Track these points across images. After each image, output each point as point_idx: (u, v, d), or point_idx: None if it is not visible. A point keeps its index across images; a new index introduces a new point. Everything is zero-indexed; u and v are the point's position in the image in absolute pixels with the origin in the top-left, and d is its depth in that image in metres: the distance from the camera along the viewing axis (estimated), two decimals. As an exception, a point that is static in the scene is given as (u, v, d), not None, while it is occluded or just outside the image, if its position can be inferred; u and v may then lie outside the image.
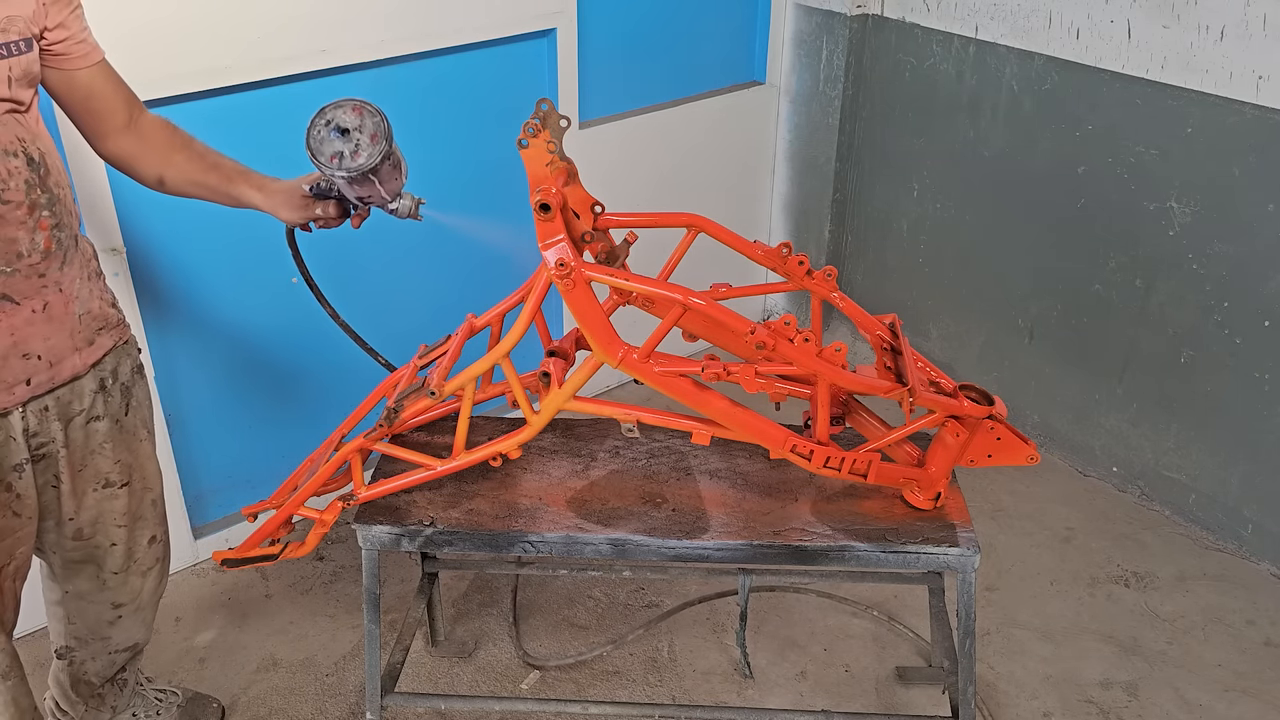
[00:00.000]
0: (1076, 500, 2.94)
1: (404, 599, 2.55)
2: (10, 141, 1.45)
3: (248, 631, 2.49)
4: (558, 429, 2.03)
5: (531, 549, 1.77)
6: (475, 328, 1.87)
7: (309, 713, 2.29)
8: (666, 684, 2.35)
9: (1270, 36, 2.36)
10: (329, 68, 2.42)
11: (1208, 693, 2.34)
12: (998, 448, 1.75)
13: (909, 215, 3.27)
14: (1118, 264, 2.79)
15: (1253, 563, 2.72)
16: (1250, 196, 2.49)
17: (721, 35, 3.26)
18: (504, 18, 2.66)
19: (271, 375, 2.67)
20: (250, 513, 1.99)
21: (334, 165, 1.65)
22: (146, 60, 2.15)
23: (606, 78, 2.99)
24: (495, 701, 2.14)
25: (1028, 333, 3.07)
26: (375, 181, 1.69)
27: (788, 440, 1.69)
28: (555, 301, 2.77)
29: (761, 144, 3.46)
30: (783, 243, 1.80)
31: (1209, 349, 2.67)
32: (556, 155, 1.60)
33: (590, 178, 1.77)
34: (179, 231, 2.37)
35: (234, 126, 2.35)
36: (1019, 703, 2.32)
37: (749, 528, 1.78)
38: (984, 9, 2.87)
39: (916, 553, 1.74)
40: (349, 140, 1.66)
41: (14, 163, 1.45)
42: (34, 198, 1.48)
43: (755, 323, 1.60)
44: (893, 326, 1.81)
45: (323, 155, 1.65)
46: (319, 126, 1.66)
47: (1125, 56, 2.62)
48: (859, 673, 2.39)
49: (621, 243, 1.82)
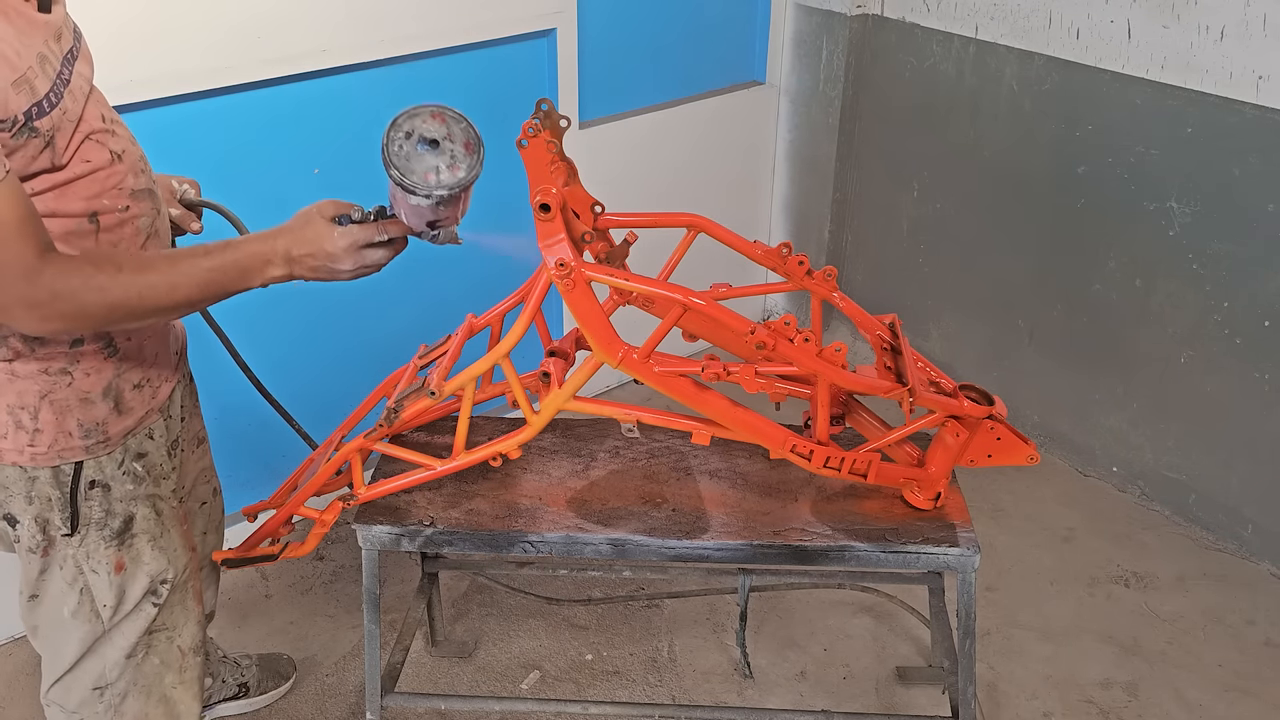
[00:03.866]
0: (1076, 500, 2.94)
1: (404, 599, 2.55)
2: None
3: (248, 631, 2.49)
4: (558, 429, 2.03)
5: (531, 549, 1.77)
6: (475, 328, 1.87)
7: (309, 713, 2.29)
8: (666, 684, 2.35)
9: (1270, 36, 2.36)
10: (329, 68, 2.41)
11: (1208, 693, 2.34)
12: (998, 448, 1.75)
13: (909, 215, 3.27)
14: (1118, 264, 2.79)
15: (1253, 563, 2.72)
16: (1250, 196, 2.49)
17: (721, 35, 3.26)
18: (504, 18, 2.66)
19: (271, 375, 2.67)
20: (250, 513, 2.00)
21: (431, 184, 1.43)
22: (146, 60, 2.15)
23: (606, 78, 2.99)
24: (495, 701, 2.14)
25: (1028, 333, 3.07)
26: (463, 200, 1.49)
27: (788, 440, 1.69)
28: (555, 301, 2.77)
29: (761, 144, 3.46)
30: (783, 243, 1.80)
31: (1209, 349, 2.67)
32: (557, 155, 1.60)
33: (590, 178, 1.77)
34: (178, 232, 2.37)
35: (234, 126, 2.35)
36: (1019, 703, 2.32)
37: (749, 528, 1.78)
38: (984, 9, 2.87)
39: (916, 553, 1.74)
40: (441, 153, 1.45)
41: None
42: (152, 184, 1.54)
43: (755, 323, 1.60)
44: (893, 326, 1.81)
45: (415, 174, 1.42)
46: (398, 141, 1.44)
47: (1125, 56, 2.62)
48: (859, 673, 2.39)
49: (621, 243, 1.82)
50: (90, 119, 1.38)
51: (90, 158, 1.37)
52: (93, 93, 1.42)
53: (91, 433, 1.47)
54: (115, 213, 1.41)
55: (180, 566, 1.64)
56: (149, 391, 1.55)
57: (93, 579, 1.54)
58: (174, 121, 2.27)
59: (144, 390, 1.54)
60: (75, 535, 1.50)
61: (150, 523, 1.58)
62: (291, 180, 2.47)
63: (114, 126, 1.44)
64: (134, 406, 1.52)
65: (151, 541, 1.58)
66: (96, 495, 1.51)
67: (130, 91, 2.15)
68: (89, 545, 1.52)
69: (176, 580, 1.63)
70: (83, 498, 1.49)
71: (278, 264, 1.46)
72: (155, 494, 1.58)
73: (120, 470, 1.52)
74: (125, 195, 1.43)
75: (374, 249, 1.50)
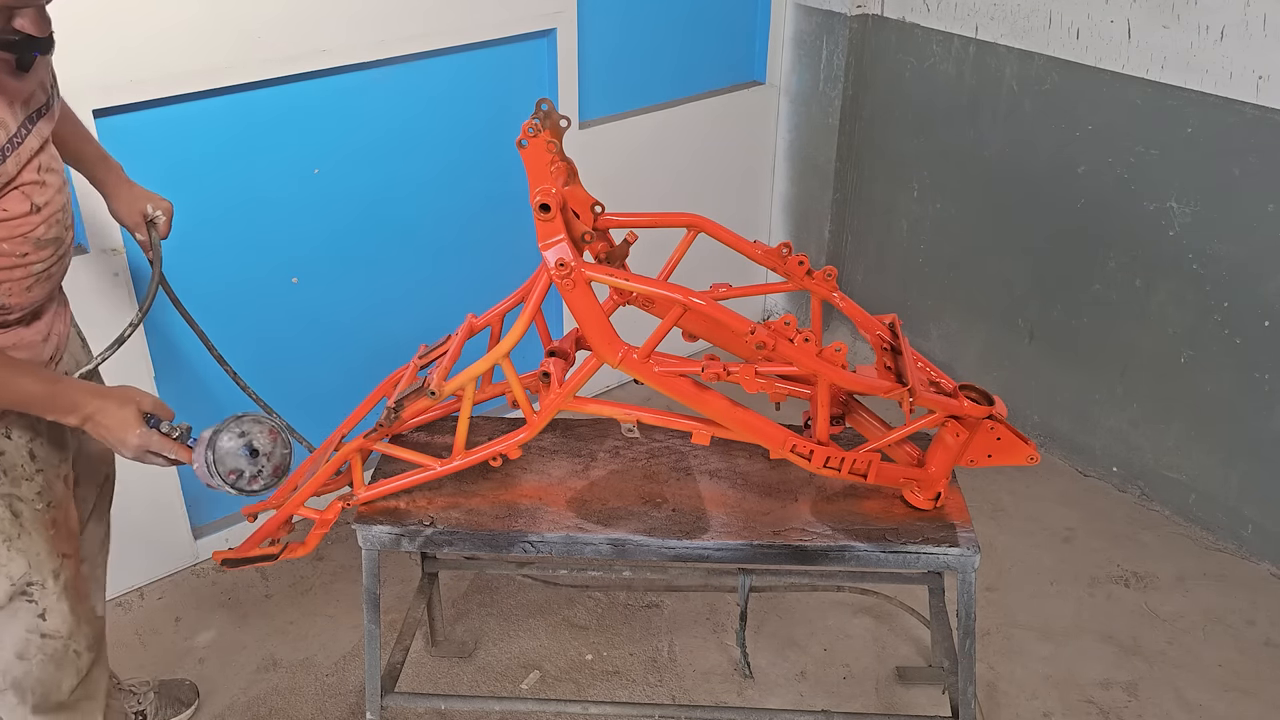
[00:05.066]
0: (1076, 500, 2.94)
1: (404, 599, 2.55)
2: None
3: (248, 631, 2.49)
4: (558, 429, 2.03)
5: (531, 549, 1.77)
6: (475, 328, 1.87)
7: (309, 713, 2.29)
8: (666, 684, 2.35)
9: (1270, 36, 2.36)
10: (329, 68, 2.41)
11: (1208, 693, 2.34)
12: (998, 448, 1.75)
13: (909, 215, 3.27)
14: (1118, 264, 2.79)
15: (1253, 563, 2.72)
16: (1250, 196, 2.49)
17: (721, 35, 3.26)
18: (504, 18, 2.66)
19: (271, 375, 2.67)
20: (250, 513, 1.99)
21: (229, 480, 1.60)
22: (146, 60, 2.15)
23: (606, 78, 2.99)
24: (495, 701, 2.14)
25: (1028, 333, 3.07)
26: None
27: (788, 440, 1.69)
28: (555, 301, 2.77)
29: (761, 144, 3.46)
30: (783, 243, 1.81)
31: (1209, 349, 2.67)
32: (557, 155, 1.60)
33: (590, 178, 1.77)
34: (178, 232, 2.36)
35: (234, 126, 2.35)
36: (1019, 703, 2.32)
37: (749, 528, 1.78)
38: (984, 9, 2.87)
39: (916, 553, 1.74)
40: (255, 462, 1.62)
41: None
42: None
43: (755, 323, 1.60)
44: (893, 326, 1.81)
45: (222, 466, 1.59)
46: (232, 434, 1.60)
47: (1125, 56, 2.62)
48: (859, 673, 2.39)
49: (621, 243, 1.82)
50: (26, 174, 1.39)
51: (8, 208, 1.38)
52: (44, 147, 1.44)
53: None
54: (12, 256, 1.42)
55: (48, 571, 1.61)
56: None
57: None
58: (174, 121, 2.27)
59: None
60: None
61: (5, 524, 1.56)
62: (291, 180, 2.47)
63: (46, 177, 1.44)
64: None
65: (7, 543, 1.56)
66: None
67: (130, 91, 2.16)
68: None
69: (47, 584, 1.61)
70: None
71: (77, 418, 1.52)
72: (13, 494, 1.56)
73: None
74: (29, 243, 1.44)
75: (157, 457, 1.59)
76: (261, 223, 2.49)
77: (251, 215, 2.46)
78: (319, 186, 2.52)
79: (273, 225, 2.51)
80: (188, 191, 2.34)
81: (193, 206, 2.31)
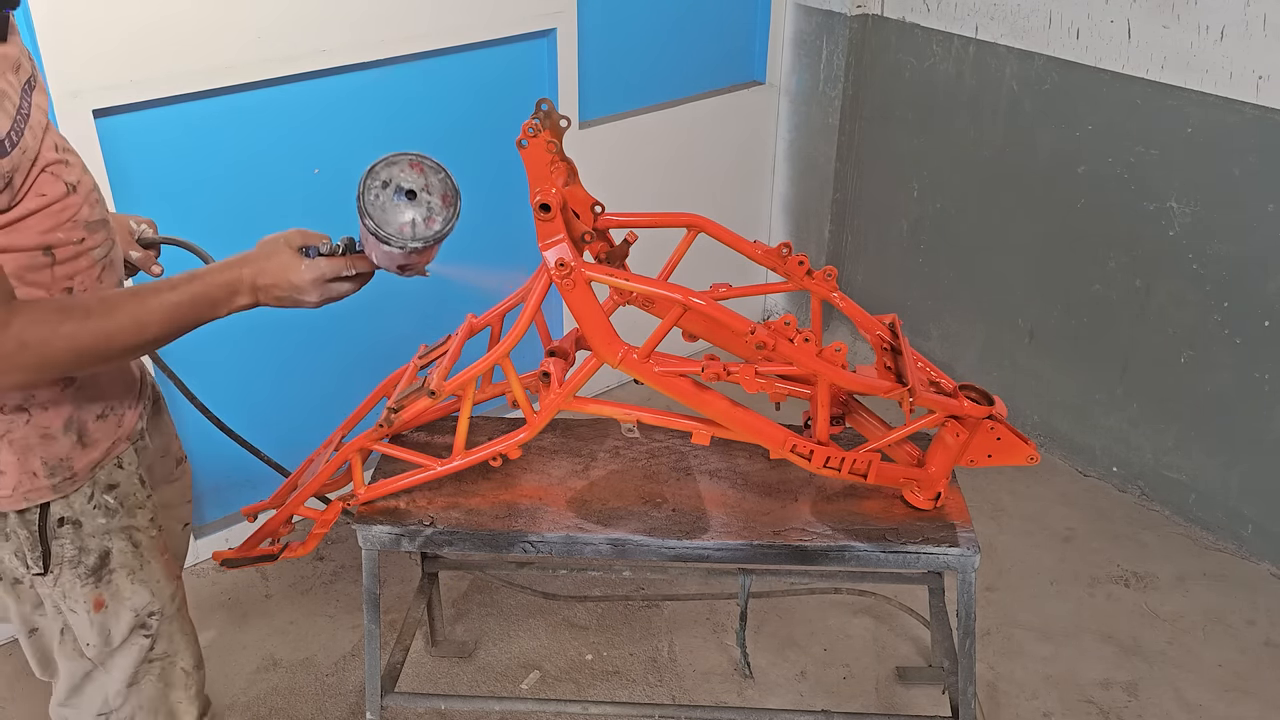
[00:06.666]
0: (1076, 500, 2.94)
1: (404, 599, 2.55)
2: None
3: (248, 631, 2.49)
4: (558, 429, 2.03)
5: (531, 549, 1.77)
6: (475, 328, 1.87)
7: (309, 713, 2.29)
8: (666, 684, 2.35)
9: (1270, 36, 2.36)
10: (329, 68, 2.41)
11: (1208, 693, 2.34)
12: (998, 448, 1.75)
13: (909, 215, 3.27)
14: (1118, 264, 2.79)
15: (1253, 563, 2.72)
16: (1250, 196, 2.49)
17: (721, 35, 3.26)
18: (504, 18, 2.66)
19: (270, 375, 2.67)
20: (250, 513, 1.99)
21: (406, 235, 1.41)
22: (146, 60, 2.15)
23: (606, 78, 2.99)
24: (495, 701, 2.14)
25: (1028, 333, 3.07)
26: (436, 247, 1.47)
27: (788, 440, 1.69)
28: (555, 301, 2.77)
29: (761, 144, 3.46)
30: (783, 243, 1.80)
31: (1209, 349, 2.67)
32: (557, 155, 1.60)
33: (590, 178, 1.77)
34: (178, 232, 2.36)
35: (234, 126, 2.35)
36: (1019, 703, 2.32)
37: (749, 528, 1.78)
38: (984, 9, 2.87)
39: (916, 553, 1.74)
40: (418, 204, 1.42)
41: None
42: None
43: (755, 323, 1.60)
44: (893, 326, 1.81)
45: (390, 226, 1.41)
46: (374, 190, 1.42)
47: (1125, 56, 2.62)
48: (859, 673, 2.39)
49: (621, 243, 1.82)
50: (46, 151, 1.31)
51: (45, 191, 1.30)
52: (49, 124, 1.35)
53: (57, 470, 1.38)
54: (70, 245, 1.34)
55: (166, 597, 1.56)
56: (114, 420, 1.46)
57: (72, 618, 1.47)
58: (174, 121, 2.27)
59: (108, 420, 1.45)
60: (49, 575, 1.43)
61: (128, 556, 1.49)
62: (291, 180, 2.47)
63: (67, 156, 1.36)
64: (99, 438, 1.43)
65: (130, 575, 1.50)
66: (67, 533, 1.42)
67: (130, 91, 2.16)
68: (64, 584, 1.44)
69: (166, 611, 1.56)
70: (52, 536, 1.41)
71: (244, 293, 1.42)
72: (131, 525, 1.50)
73: (90, 505, 1.44)
74: (80, 227, 1.35)
75: (340, 282, 1.48)
76: (261, 223, 2.47)
77: (251, 215, 2.46)
78: (319, 186, 2.52)
79: (273, 225, 2.49)
80: (188, 191, 2.34)
81: (192, 206, 2.32)
